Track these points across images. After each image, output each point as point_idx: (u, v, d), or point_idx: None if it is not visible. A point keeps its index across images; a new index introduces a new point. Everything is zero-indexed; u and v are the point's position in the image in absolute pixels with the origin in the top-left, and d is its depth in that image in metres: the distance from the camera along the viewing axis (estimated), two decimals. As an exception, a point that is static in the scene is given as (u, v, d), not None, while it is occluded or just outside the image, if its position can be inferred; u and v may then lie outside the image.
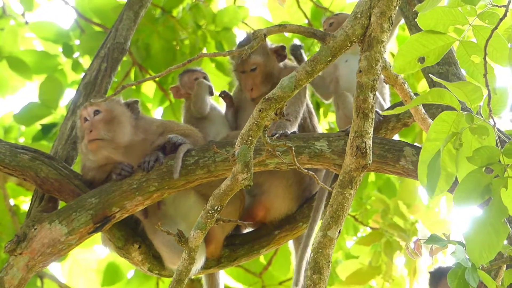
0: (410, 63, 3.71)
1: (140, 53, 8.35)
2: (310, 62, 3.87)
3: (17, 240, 5.05)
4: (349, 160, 3.72)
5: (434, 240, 3.68)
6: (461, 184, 3.29)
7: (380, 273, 8.50)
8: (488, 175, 3.27)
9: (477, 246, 3.25)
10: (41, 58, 8.95)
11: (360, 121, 3.74)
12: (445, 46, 3.66)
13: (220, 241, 5.45)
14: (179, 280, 3.89)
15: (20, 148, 5.31)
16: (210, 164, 5.07)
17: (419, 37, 3.67)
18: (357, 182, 3.70)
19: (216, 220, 3.85)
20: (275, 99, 3.78)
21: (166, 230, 3.93)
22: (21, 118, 8.57)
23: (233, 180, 3.80)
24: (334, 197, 3.67)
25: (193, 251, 3.88)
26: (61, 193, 5.24)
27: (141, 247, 5.30)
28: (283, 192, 5.58)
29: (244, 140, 3.78)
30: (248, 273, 8.78)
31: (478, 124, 3.35)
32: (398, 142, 5.04)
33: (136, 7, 6.02)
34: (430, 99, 3.43)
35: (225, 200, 3.83)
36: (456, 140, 3.32)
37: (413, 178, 5.00)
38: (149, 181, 5.09)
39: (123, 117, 5.25)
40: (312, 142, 5.04)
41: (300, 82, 3.83)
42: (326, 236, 3.61)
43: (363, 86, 3.77)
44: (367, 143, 3.71)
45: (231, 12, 8.51)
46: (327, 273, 3.56)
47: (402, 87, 4.11)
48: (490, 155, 3.27)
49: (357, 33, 3.90)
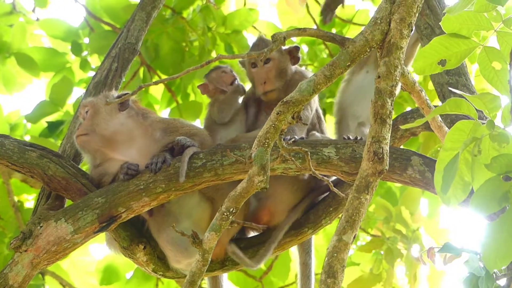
0: (431, 65, 3.70)
1: (149, 54, 8.36)
2: (329, 66, 3.88)
3: (22, 237, 5.06)
4: (366, 165, 3.71)
5: (447, 249, 3.68)
6: (479, 191, 3.29)
7: (381, 280, 8.50)
8: (506, 182, 3.27)
9: (493, 253, 3.24)
10: (50, 56, 8.95)
11: (378, 127, 3.74)
12: (468, 50, 3.66)
13: (225, 243, 5.44)
14: (192, 282, 3.90)
15: (28, 145, 5.32)
16: (217, 167, 5.06)
17: (442, 40, 3.66)
18: (373, 187, 3.70)
19: (231, 222, 3.85)
20: (293, 102, 3.78)
21: (181, 231, 3.93)
22: (32, 118, 8.61)
23: (249, 183, 3.80)
24: (350, 201, 3.66)
25: (207, 253, 3.89)
26: (68, 192, 5.25)
27: (146, 247, 5.30)
28: (287, 197, 5.58)
29: (261, 142, 3.79)
30: (248, 277, 8.77)
31: (499, 131, 3.34)
32: (406, 151, 5.03)
33: (148, 8, 6.03)
34: (448, 109, 3.44)
35: (241, 202, 3.83)
36: (475, 147, 3.31)
37: (419, 188, 4.98)
38: (156, 182, 5.09)
39: (107, 109, 5.32)
40: (320, 148, 5.04)
41: (318, 86, 3.83)
42: (341, 240, 3.60)
43: (381, 91, 3.78)
44: (384, 148, 3.71)
45: (242, 15, 8.50)
46: (341, 277, 3.55)
47: (419, 95, 4.11)
48: (509, 162, 3.27)
49: (377, 39, 3.91)
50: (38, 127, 8.86)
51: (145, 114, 5.44)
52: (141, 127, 5.35)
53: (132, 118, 5.37)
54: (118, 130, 5.30)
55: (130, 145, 5.30)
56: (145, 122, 5.38)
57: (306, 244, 5.67)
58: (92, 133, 5.28)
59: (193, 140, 5.26)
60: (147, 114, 5.46)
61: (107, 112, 5.32)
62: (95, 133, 5.28)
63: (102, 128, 5.29)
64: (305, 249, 5.67)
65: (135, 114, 5.40)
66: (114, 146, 5.28)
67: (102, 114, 5.32)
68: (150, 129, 5.35)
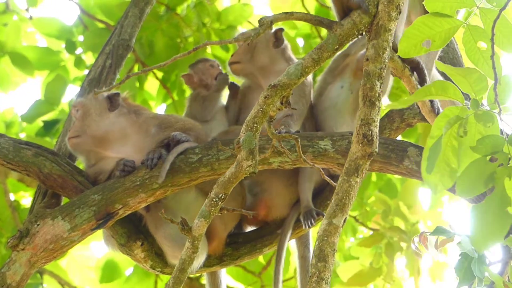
0: (416, 46, 3.64)
1: (144, 50, 8.33)
2: (316, 50, 3.84)
3: (19, 236, 5.04)
4: (355, 148, 3.68)
5: (439, 232, 3.65)
6: (464, 173, 3.25)
7: (381, 274, 8.49)
8: (492, 163, 3.23)
9: (480, 234, 3.21)
10: (44, 54, 8.93)
11: (367, 109, 3.71)
12: (452, 29, 3.58)
13: (223, 238, 5.44)
14: (182, 269, 3.86)
15: (23, 143, 5.31)
16: (213, 162, 5.05)
17: (426, 19, 3.59)
18: (363, 170, 3.66)
19: (220, 209, 3.81)
20: (281, 86, 3.74)
21: (170, 218, 3.90)
22: (27, 117, 8.59)
23: (238, 167, 3.76)
24: (340, 185, 3.63)
25: (196, 240, 3.85)
26: (64, 189, 5.24)
27: (143, 244, 5.29)
28: (283, 191, 5.57)
29: (249, 127, 3.75)
30: (248, 272, 8.77)
31: (483, 110, 3.30)
32: (402, 142, 5.02)
33: (141, 4, 6.02)
34: (434, 92, 3.38)
35: (230, 188, 3.79)
36: (460, 127, 3.27)
37: (416, 179, 4.97)
38: (152, 178, 5.08)
39: (96, 110, 5.33)
40: (316, 141, 5.02)
41: (306, 69, 3.80)
42: (332, 224, 3.56)
43: (370, 74, 3.74)
44: (373, 131, 3.67)
45: (236, 10, 8.49)
46: (332, 261, 3.51)
47: (409, 79, 4.09)
48: (495, 144, 3.24)
49: (364, 22, 3.87)
50: (33, 125, 8.85)
51: (138, 111, 5.43)
52: (135, 124, 5.35)
53: (124, 116, 5.36)
54: (110, 130, 5.30)
55: (124, 143, 5.29)
56: (138, 119, 5.37)
57: (304, 237, 5.66)
58: (83, 135, 5.29)
59: (189, 135, 5.25)
60: (140, 111, 5.45)
61: (96, 113, 5.32)
62: (86, 134, 5.29)
63: (93, 129, 5.30)
64: (303, 243, 5.66)
65: (127, 112, 5.39)
66: (107, 145, 5.28)
67: (92, 115, 5.32)
68: (144, 126, 5.35)
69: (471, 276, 3.40)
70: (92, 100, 5.38)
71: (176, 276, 3.87)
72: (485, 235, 3.18)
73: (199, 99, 5.81)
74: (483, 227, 3.18)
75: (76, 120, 5.35)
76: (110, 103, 5.35)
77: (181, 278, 3.86)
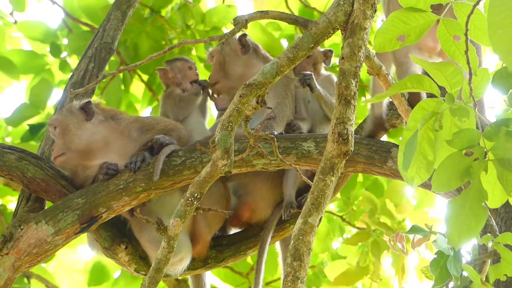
0: (391, 41, 3.62)
1: (129, 53, 8.32)
2: (292, 48, 3.83)
3: (3, 240, 5.03)
4: (330, 146, 3.66)
5: (415, 230, 3.65)
6: (440, 167, 3.23)
7: (368, 273, 8.51)
8: (467, 157, 3.22)
9: (456, 229, 3.20)
10: (29, 58, 8.91)
11: (342, 108, 3.70)
12: (426, 24, 3.56)
13: (207, 241, 5.44)
14: (158, 269, 3.84)
15: (6, 148, 5.30)
16: (197, 165, 5.06)
17: (400, 14, 3.57)
18: (338, 169, 3.64)
19: (196, 208, 3.80)
20: (256, 85, 3.73)
21: (145, 218, 3.89)
22: (12, 121, 8.56)
23: (213, 167, 3.75)
24: (315, 184, 3.60)
25: (172, 239, 3.83)
26: (47, 193, 5.23)
27: (127, 247, 5.28)
28: (268, 193, 5.57)
29: (225, 126, 3.74)
30: (235, 273, 8.77)
31: (459, 105, 3.28)
32: (386, 143, 5.03)
33: (123, 7, 6.00)
34: (409, 86, 3.35)
35: (205, 187, 3.78)
36: (435, 121, 3.26)
37: (400, 179, 4.97)
38: (136, 181, 5.08)
39: (75, 124, 5.30)
40: (299, 142, 5.03)
41: (281, 68, 3.78)
42: (307, 223, 3.53)
43: (345, 72, 3.73)
44: (349, 129, 3.66)
45: (220, 12, 8.50)
46: (307, 260, 3.48)
47: (386, 78, 4.08)
48: (471, 138, 3.22)
49: (340, 20, 3.86)
50: (19, 130, 8.82)
51: (115, 116, 5.41)
52: (115, 130, 5.33)
53: (102, 124, 5.34)
54: (92, 140, 5.28)
55: (108, 150, 5.28)
56: (119, 126, 5.35)
57: (288, 240, 5.65)
58: (68, 152, 5.25)
59: (171, 136, 5.26)
60: (117, 116, 5.43)
61: (75, 127, 5.29)
62: (70, 150, 5.25)
63: (76, 144, 5.26)
64: (287, 245, 5.64)
65: (104, 119, 5.37)
66: (92, 156, 5.26)
67: (72, 130, 5.29)
68: (126, 131, 5.33)
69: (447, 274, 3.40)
70: (67, 115, 5.34)
71: (152, 276, 3.85)
72: (461, 230, 3.17)
73: (174, 97, 5.78)
74: (459, 222, 3.17)
75: (56, 138, 5.31)
76: (85, 113, 5.33)
77: (157, 278, 3.85)
